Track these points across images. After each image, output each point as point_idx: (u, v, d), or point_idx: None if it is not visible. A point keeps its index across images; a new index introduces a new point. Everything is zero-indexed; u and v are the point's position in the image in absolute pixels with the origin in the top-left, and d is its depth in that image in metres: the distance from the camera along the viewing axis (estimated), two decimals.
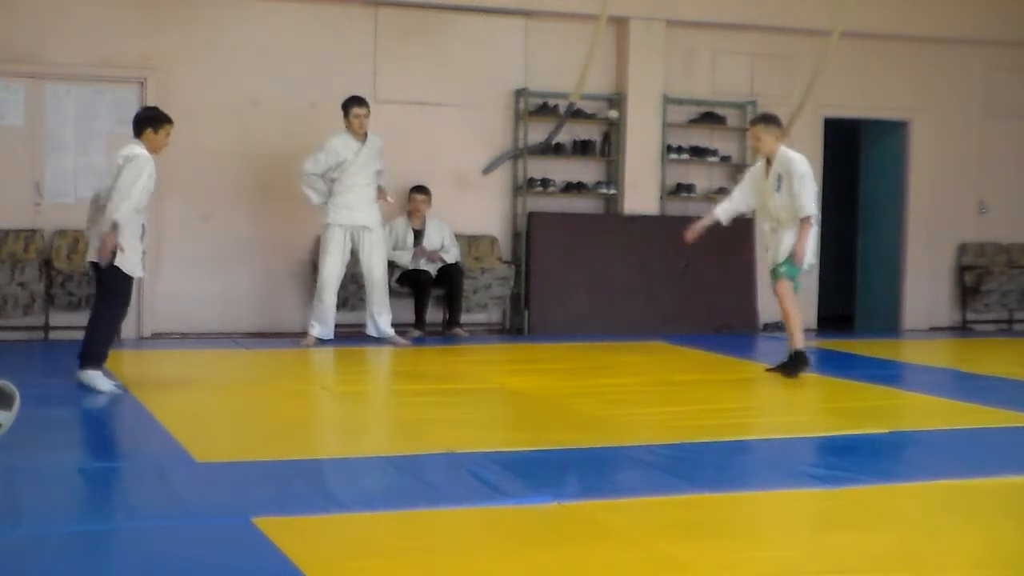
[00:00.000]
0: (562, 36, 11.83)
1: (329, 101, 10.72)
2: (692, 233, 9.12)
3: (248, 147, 11.00)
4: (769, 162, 8.81)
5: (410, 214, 11.18)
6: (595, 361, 9.76)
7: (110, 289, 7.62)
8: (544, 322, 11.59)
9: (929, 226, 13.15)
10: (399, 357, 9.83)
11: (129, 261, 7.56)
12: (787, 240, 8.72)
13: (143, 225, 7.69)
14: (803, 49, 12.35)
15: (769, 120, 8.89)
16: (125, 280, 7.62)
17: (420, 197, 11.15)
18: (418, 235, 11.18)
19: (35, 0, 10.46)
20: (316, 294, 10.33)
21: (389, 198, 10.55)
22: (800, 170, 8.64)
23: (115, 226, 7.45)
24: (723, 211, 9.13)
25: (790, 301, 8.76)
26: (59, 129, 10.54)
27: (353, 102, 10.23)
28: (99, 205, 7.71)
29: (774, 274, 8.85)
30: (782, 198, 8.70)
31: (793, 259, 8.66)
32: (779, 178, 8.71)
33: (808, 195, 8.61)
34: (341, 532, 4.57)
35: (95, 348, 7.65)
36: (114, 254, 7.47)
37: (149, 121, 7.84)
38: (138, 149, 7.71)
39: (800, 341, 8.73)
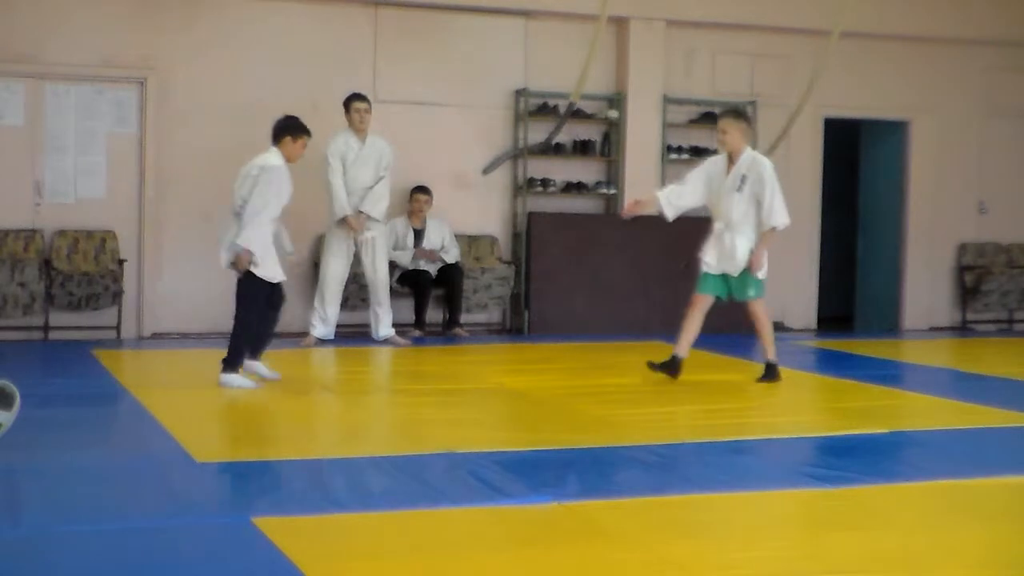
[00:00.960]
0: (562, 36, 11.82)
1: (329, 101, 10.70)
2: (628, 210, 8.80)
3: (248, 147, 10.90)
4: (732, 160, 8.43)
5: (411, 214, 11.18)
6: (595, 361, 9.76)
7: (242, 296, 7.87)
8: (544, 322, 11.59)
9: (929, 226, 13.15)
10: (399, 357, 9.83)
11: (266, 269, 7.79)
12: (741, 248, 8.38)
13: (274, 233, 7.90)
14: (803, 49, 12.34)
15: (738, 115, 8.55)
16: (256, 287, 7.81)
17: (422, 197, 11.14)
18: (418, 235, 11.17)
19: (35, 0, 10.46)
20: (318, 294, 10.32)
21: (359, 226, 10.15)
22: (772, 177, 8.31)
23: (247, 240, 7.68)
24: (669, 205, 8.58)
25: (765, 315, 8.55)
26: (59, 129, 10.54)
27: (354, 97, 10.25)
28: (234, 213, 7.91)
29: (735, 291, 8.50)
30: (742, 201, 8.33)
31: (751, 270, 8.35)
32: (743, 179, 8.33)
33: (780, 204, 8.31)
34: (341, 532, 4.57)
35: (233, 352, 7.85)
36: (250, 263, 7.72)
37: (289, 130, 8.01)
38: (273, 159, 7.92)
39: (774, 352, 8.58)
